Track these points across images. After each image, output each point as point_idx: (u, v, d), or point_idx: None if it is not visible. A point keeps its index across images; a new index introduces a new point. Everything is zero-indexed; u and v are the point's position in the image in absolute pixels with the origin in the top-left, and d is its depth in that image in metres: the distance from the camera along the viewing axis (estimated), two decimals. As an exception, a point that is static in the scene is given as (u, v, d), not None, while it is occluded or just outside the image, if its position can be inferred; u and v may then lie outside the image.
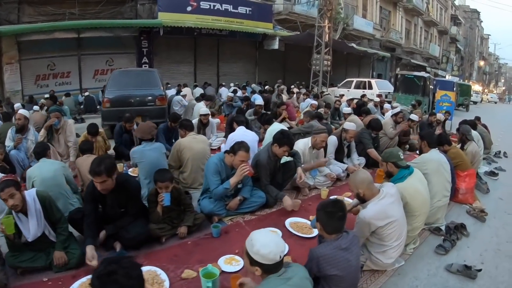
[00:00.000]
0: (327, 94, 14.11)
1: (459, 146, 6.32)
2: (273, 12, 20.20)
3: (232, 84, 17.17)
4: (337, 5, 23.36)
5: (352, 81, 19.17)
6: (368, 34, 26.53)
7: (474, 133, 7.14)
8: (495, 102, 46.26)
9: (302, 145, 5.34)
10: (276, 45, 19.37)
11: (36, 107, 9.88)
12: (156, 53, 17.40)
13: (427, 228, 4.19)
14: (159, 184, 3.56)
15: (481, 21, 65.83)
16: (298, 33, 19.09)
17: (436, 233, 4.13)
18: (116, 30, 14.97)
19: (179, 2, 16.65)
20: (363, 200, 3.12)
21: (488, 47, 77.59)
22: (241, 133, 5.73)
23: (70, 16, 14.55)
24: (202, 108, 8.01)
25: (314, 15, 18.35)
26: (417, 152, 7.71)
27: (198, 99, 11.30)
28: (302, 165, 5.00)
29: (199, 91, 15.09)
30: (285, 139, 4.38)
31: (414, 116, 8.05)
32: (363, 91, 16.60)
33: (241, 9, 18.28)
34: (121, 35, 15.37)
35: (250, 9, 18.55)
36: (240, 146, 4.07)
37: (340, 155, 6.01)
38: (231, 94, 11.97)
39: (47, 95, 12.85)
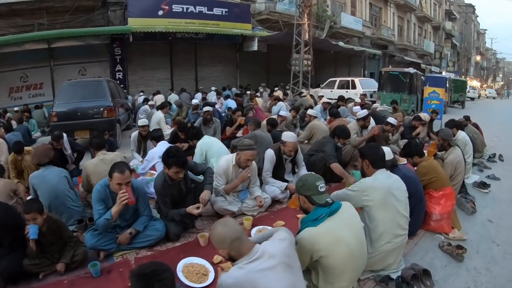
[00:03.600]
0: (304, 96, 12.95)
1: (442, 153, 5.08)
2: (254, 12, 19.47)
3: (213, 88, 16.38)
4: (322, 2, 22.55)
5: (336, 80, 18.09)
6: (357, 31, 25.57)
7: (461, 135, 6.02)
8: (494, 98, 44.80)
9: (224, 162, 4.31)
10: (255, 47, 18.49)
11: (-3, 122, 9.75)
12: (130, 60, 16.91)
13: (372, 277, 3.04)
14: (26, 216, 3.12)
15: (477, 16, 64.76)
16: (277, 32, 18.17)
17: (384, 286, 2.93)
18: (87, 38, 14.58)
19: (150, 7, 15.94)
20: (233, 260, 2.14)
21: (485, 42, 76.44)
22: (160, 150, 4.79)
23: (39, 27, 14.18)
24: (141, 119, 7.04)
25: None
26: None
27: (158, 108, 10.32)
28: (223, 187, 4.22)
29: (174, 97, 14.47)
30: (170, 159, 3.56)
31: (392, 120, 6.71)
32: (346, 91, 15.58)
33: (217, 11, 17.46)
34: (92, 43, 14.99)
35: (226, 10, 17.71)
36: (114, 167, 3.38)
37: (280, 171, 4.88)
38: (196, 101, 10.85)
39: (16, 108, 12.87)
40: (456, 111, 17.66)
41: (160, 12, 15.98)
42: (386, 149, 3.62)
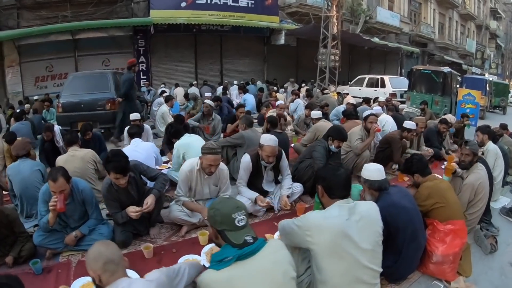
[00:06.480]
0: (327, 93, 12.13)
1: (461, 172, 4.07)
2: (283, 4, 18.98)
3: (235, 82, 16.07)
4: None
5: (365, 78, 17.08)
6: (394, 27, 24.36)
7: (491, 146, 5.03)
8: (540, 104, 41.89)
9: (188, 165, 3.77)
10: (282, 40, 17.89)
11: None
12: (154, 52, 17.02)
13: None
14: None
15: (524, 15, 60.86)
16: (303, 25, 17.46)
17: None
18: (110, 30, 14.97)
19: (173, -1, 15.96)
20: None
21: (532, 44, 71.83)
22: (131, 148, 4.58)
23: (63, 19, 14.72)
24: (133, 113, 6.63)
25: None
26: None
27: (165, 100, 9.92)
28: (183, 199, 3.75)
29: (193, 90, 14.11)
30: (108, 164, 3.26)
31: (408, 124, 5.73)
32: (375, 90, 14.62)
33: (242, 2, 17.10)
34: (115, 35, 15.33)
35: (253, 2, 17.28)
36: (49, 174, 3.23)
37: (257, 180, 4.19)
38: (209, 94, 10.33)
39: (36, 97, 13.49)
40: (496, 117, 16.13)
41: (183, 4, 15.91)
42: (377, 167, 2.90)
